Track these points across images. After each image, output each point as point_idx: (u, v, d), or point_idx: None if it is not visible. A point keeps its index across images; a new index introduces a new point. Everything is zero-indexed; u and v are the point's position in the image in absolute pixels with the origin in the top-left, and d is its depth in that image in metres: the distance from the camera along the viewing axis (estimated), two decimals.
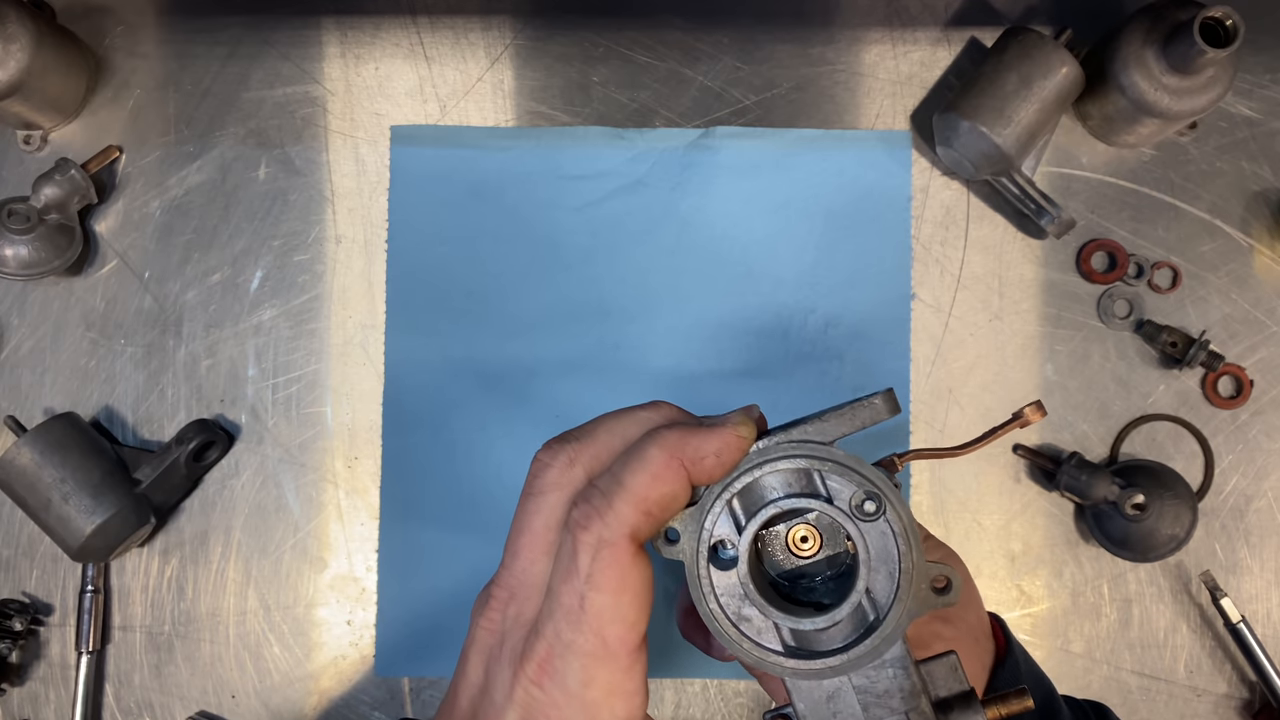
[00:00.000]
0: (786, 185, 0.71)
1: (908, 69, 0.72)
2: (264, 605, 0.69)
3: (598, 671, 0.33)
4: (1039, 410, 0.39)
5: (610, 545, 0.33)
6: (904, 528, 0.35)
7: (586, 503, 0.34)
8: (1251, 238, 0.70)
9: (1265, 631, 0.68)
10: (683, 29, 0.72)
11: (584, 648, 0.33)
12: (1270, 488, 0.69)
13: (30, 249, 0.66)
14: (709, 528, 0.35)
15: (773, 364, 0.70)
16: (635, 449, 0.34)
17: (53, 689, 0.69)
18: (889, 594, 0.35)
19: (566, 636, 0.33)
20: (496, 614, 0.35)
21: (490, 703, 0.34)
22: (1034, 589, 0.69)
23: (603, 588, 0.33)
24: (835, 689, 0.35)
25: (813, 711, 0.35)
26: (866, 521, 0.35)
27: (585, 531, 0.33)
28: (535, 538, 0.35)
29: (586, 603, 0.33)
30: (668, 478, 0.34)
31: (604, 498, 0.33)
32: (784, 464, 0.35)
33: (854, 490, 0.35)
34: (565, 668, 0.33)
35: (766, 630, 0.35)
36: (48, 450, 0.64)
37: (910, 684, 0.35)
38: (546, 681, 0.33)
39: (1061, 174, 0.71)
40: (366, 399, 0.70)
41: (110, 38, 0.72)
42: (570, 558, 0.33)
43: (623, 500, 0.33)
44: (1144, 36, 0.63)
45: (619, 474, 0.34)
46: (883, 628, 0.35)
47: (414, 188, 0.71)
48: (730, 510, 0.35)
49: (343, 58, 0.72)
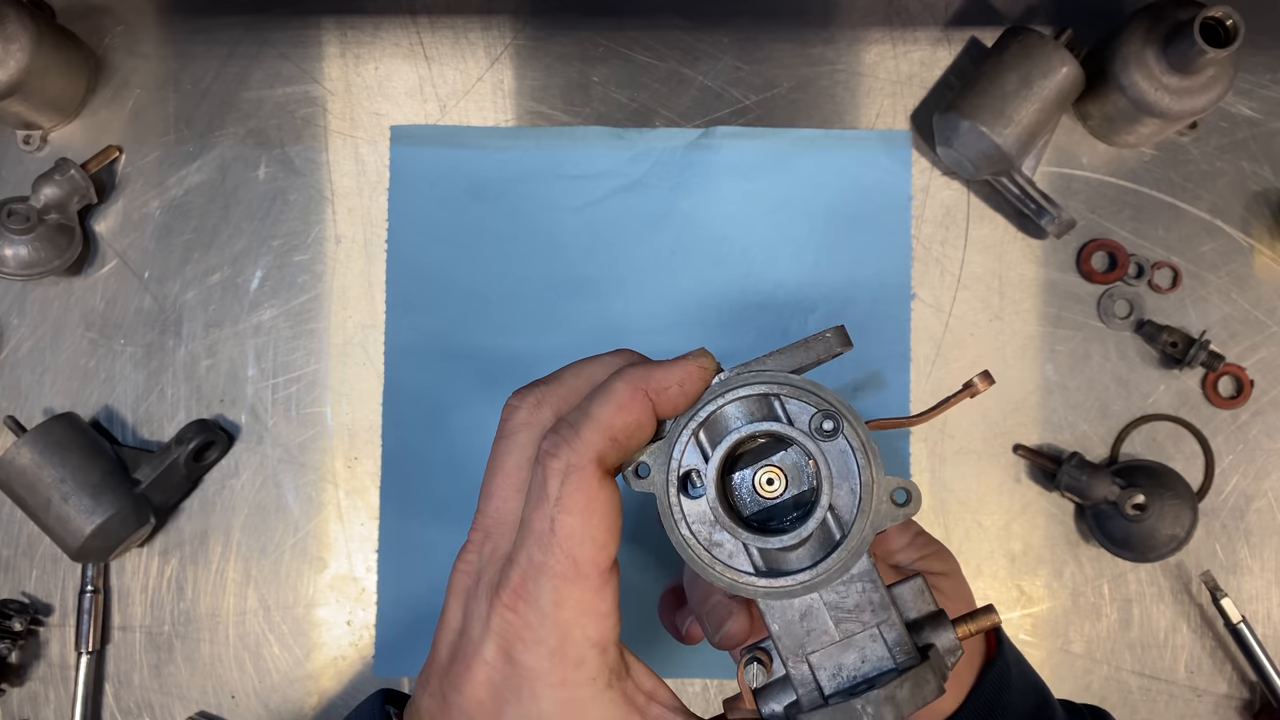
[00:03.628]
0: (786, 185, 0.71)
1: (908, 69, 0.72)
2: (264, 605, 0.69)
3: (569, 591, 0.34)
4: (986, 379, 0.40)
5: (578, 470, 0.34)
6: (862, 443, 0.36)
7: (555, 434, 0.35)
8: (1251, 238, 0.70)
9: (1265, 631, 0.68)
10: (683, 29, 0.72)
11: (555, 569, 0.33)
12: (1270, 488, 0.69)
13: (30, 249, 0.66)
14: (677, 457, 0.37)
15: None
16: (602, 385, 0.36)
17: (53, 689, 0.69)
18: (851, 509, 0.36)
19: (538, 559, 0.34)
20: (473, 555, 0.36)
21: (468, 639, 0.35)
22: (1034, 589, 0.69)
23: (571, 510, 0.34)
24: (807, 607, 0.36)
25: (787, 631, 0.36)
26: (826, 440, 0.36)
27: (554, 459, 0.34)
28: (507, 477, 0.36)
29: (556, 525, 0.34)
30: (632, 407, 0.35)
31: (571, 428, 0.35)
32: (744, 390, 0.37)
33: (812, 412, 0.36)
34: (538, 589, 0.34)
35: (738, 554, 0.36)
36: (48, 450, 0.64)
37: (880, 597, 0.36)
38: (521, 605, 0.34)
39: (1061, 174, 0.71)
40: (366, 399, 0.70)
41: (110, 38, 0.72)
42: (540, 486, 0.34)
43: (589, 428, 0.34)
44: (1144, 36, 0.63)
45: (586, 407, 0.35)
46: (848, 540, 0.36)
47: (414, 188, 0.71)
48: (697, 442, 0.37)
49: (343, 58, 0.72)
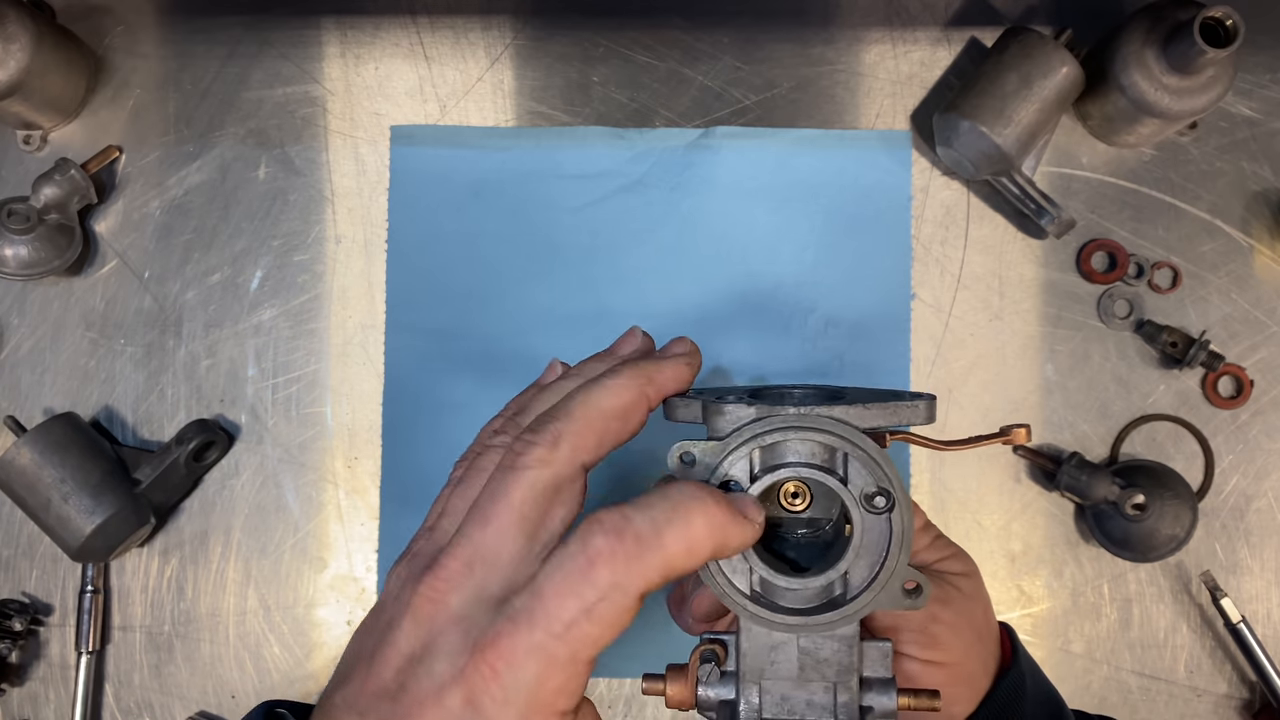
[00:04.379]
0: (786, 185, 0.71)
1: (908, 69, 0.72)
2: (264, 605, 0.69)
3: (554, 675, 0.33)
4: (1026, 434, 0.41)
5: (624, 594, 0.33)
6: (902, 530, 0.36)
7: (620, 542, 0.33)
8: (1251, 238, 0.70)
9: (1265, 631, 0.68)
10: (683, 29, 0.72)
11: (555, 657, 0.32)
12: (1270, 488, 0.69)
13: (30, 249, 0.66)
14: (726, 467, 0.37)
15: (773, 363, 0.70)
16: (674, 503, 0.34)
17: (53, 689, 0.69)
18: (864, 582, 0.36)
19: (540, 640, 0.32)
20: (444, 584, 0.34)
21: (430, 676, 0.33)
22: (1034, 589, 0.69)
23: (598, 624, 0.33)
24: (781, 641, 0.37)
25: (754, 653, 0.37)
26: (871, 513, 0.36)
27: (608, 569, 0.33)
28: (512, 509, 0.35)
29: (575, 628, 0.32)
30: (696, 549, 0.34)
31: (639, 543, 0.33)
32: (817, 437, 0.36)
33: (870, 482, 0.36)
34: (527, 663, 0.32)
35: (740, 571, 0.37)
36: (48, 450, 0.64)
37: (849, 660, 0.37)
38: (504, 669, 0.32)
39: (1061, 174, 0.71)
40: (366, 399, 0.70)
41: (110, 38, 0.72)
42: (576, 579, 0.33)
43: (655, 555, 0.33)
44: (1144, 36, 0.63)
45: (661, 526, 0.33)
46: (847, 608, 0.36)
47: (414, 188, 0.71)
48: (749, 457, 0.37)
49: (343, 58, 0.72)
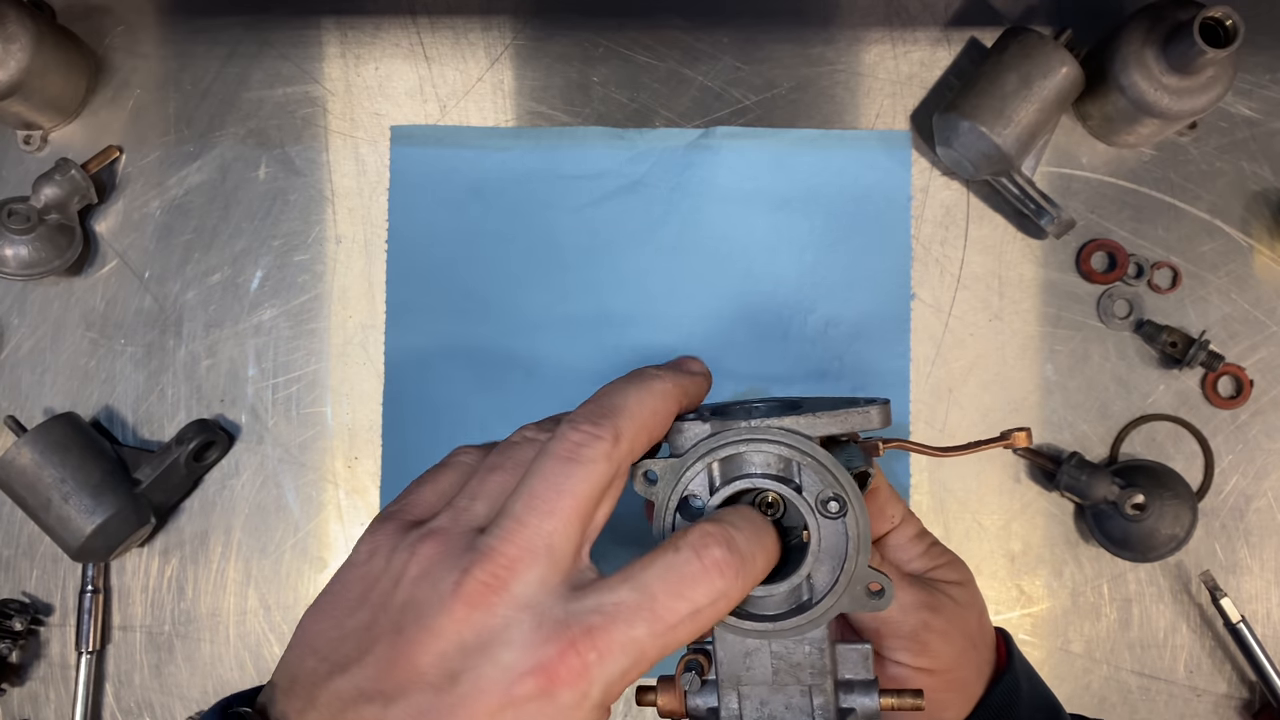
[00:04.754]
0: (786, 185, 0.71)
1: (908, 69, 0.72)
2: (264, 605, 0.69)
3: (638, 669, 0.34)
4: (1027, 437, 0.42)
5: (728, 602, 0.35)
6: (858, 534, 0.38)
7: (731, 552, 0.34)
8: (1251, 238, 0.70)
9: (1265, 631, 0.68)
10: (683, 29, 0.72)
11: (647, 654, 0.33)
12: (1270, 488, 0.69)
13: (30, 249, 0.66)
14: (686, 481, 0.39)
15: (773, 364, 0.70)
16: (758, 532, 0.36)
17: (53, 689, 0.69)
18: (827, 585, 0.38)
19: (639, 636, 0.33)
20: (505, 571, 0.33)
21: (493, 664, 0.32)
22: (1034, 589, 0.69)
23: (700, 628, 0.34)
24: (755, 648, 0.39)
25: (729, 660, 0.39)
26: (827, 518, 0.38)
27: (722, 579, 0.34)
28: (579, 504, 0.34)
29: (679, 630, 0.33)
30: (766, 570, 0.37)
31: (743, 561, 0.35)
32: (770, 447, 0.38)
33: (822, 488, 0.38)
34: (619, 659, 0.32)
35: None
36: (48, 450, 0.64)
37: (822, 663, 0.39)
38: (594, 664, 0.32)
39: (1061, 174, 0.71)
40: (366, 399, 0.70)
41: (110, 38, 0.72)
42: (696, 583, 0.34)
43: (751, 571, 0.35)
44: (1144, 36, 0.63)
45: (753, 545, 0.35)
46: (812, 611, 0.38)
47: (414, 188, 0.71)
48: (708, 470, 0.39)
49: (343, 58, 0.72)
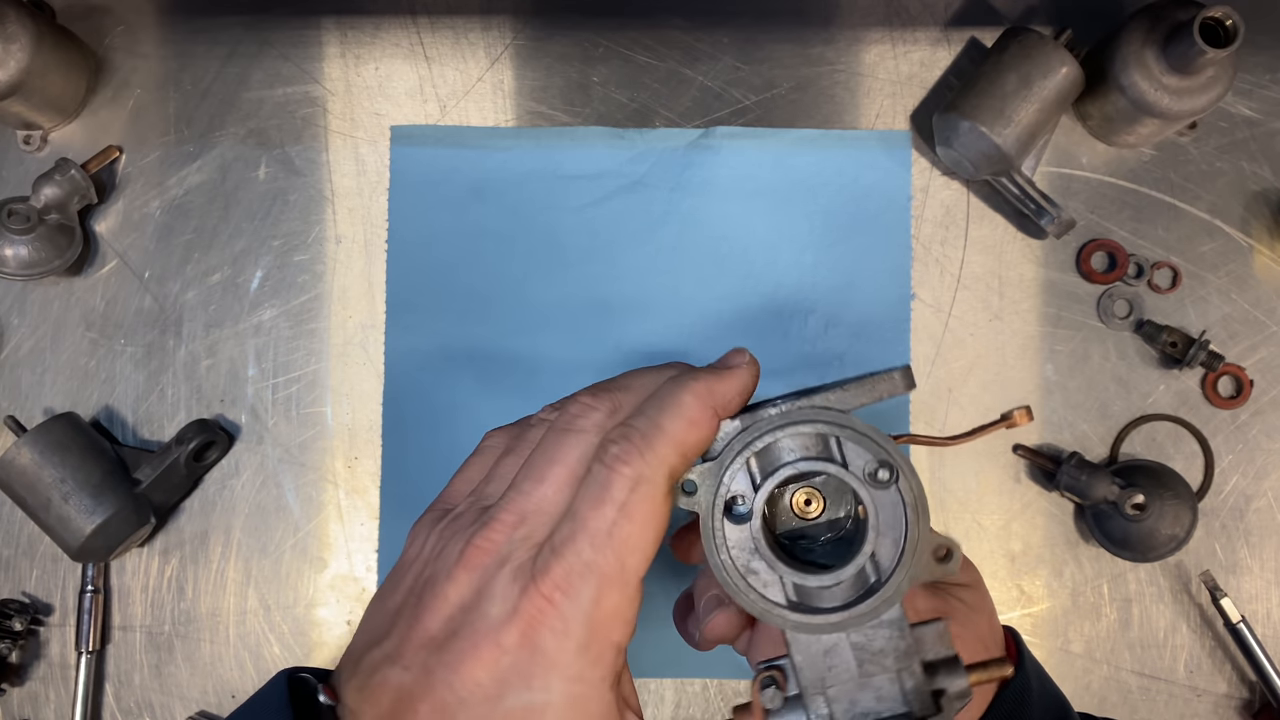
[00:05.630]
0: (786, 185, 0.71)
1: (908, 69, 0.72)
2: (264, 605, 0.69)
3: (609, 593, 0.35)
4: (1027, 415, 0.41)
5: (648, 482, 0.35)
6: (914, 498, 0.36)
7: (626, 440, 0.36)
8: (1251, 238, 0.70)
9: (1265, 631, 0.68)
10: (683, 29, 0.72)
11: (604, 569, 0.34)
12: (1270, 488, 0.69)
13: (30, 249, 0.66)
14: (727, 483, 0.37)
15: (773, 364, 0.70)
16: (669, 394, 0.37)
17: (53, 689, 0.69)
18: (893, 559, 0.36)
19: (588, 557, 0.34)
20: (500, 535, 0.36)
21: (482, 618, 0.35)
22: (1034, 589, 0.69)
23: (634, 519, 0.35)
24: (832, 644, 0.37)
25: (809, 663, 0.37)
26: (879, 489, 0.36)
27: (625, 465, 0.35)
28: (567, 471, 0.37)
29: (616, 529, 0.35)
30: (702, 423, 0.37)
31: (644, 438, 0.36)
32: (804, 428, 0.37)
33: (869, 458, 0.36)
34: (582, 586, 0.34)
35: (772, 584, 0.37)
36: (48, 450, 0.64)
37: (905, 644, 0.36)
38: (559, 596, 0.34)
39: (1061, 174, 0.71)
40: (366, 399, 0.70)
41: (110, 38, 0.72)
42: (603, 487, 0.35)
43: (663, 443, 0.36)
44: (1144, 36, 0.63)
45: (656, 418, 0.36)
46: (884, 590, 0.36)
47: (414, 188, 0.71)
48: (747, 467, 0.37)
49: (343, 58, 0.72)
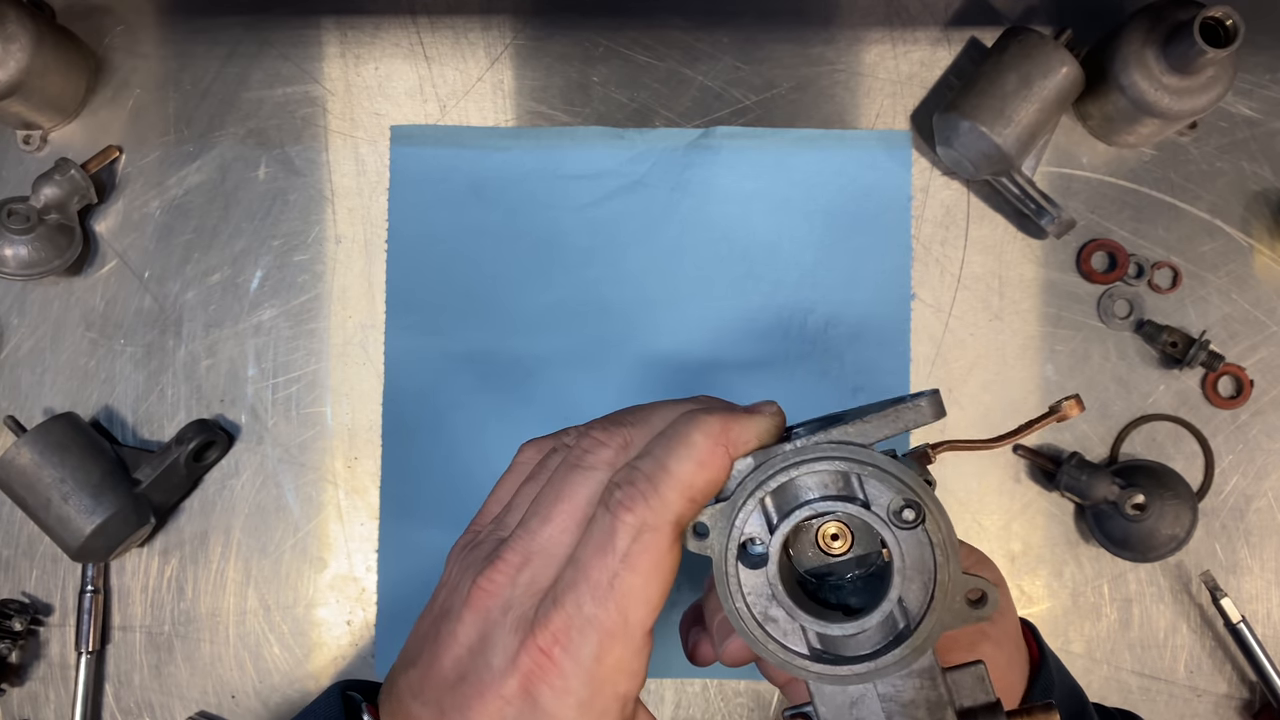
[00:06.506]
0: (786, 185, 0.71)
1: (908, 69, 0.72)
2: (264, 605, 0.69)
3: (612, 648, 0.33)
4: (1078, 404, 0.38)
5: (653, 531, 0.33)
6: (943, 539, 0.33)
7: (631, 485, 0.33)
8: (1251, 238, 0.70)
9: (1265, 631, 0.68)
10: (683, 29, 0.72)
11: (605, 624, 0.33)
12: (1270, 488, 0.69)
13: (30, 249, 0.66)
14: (740, 525, 0.34)
15: (773, 364, 0.70)
16: (679, 433, 0.34)
17: (53, 689, 0.69)
18: (922, 604, 0.33)
19: (589, 610, 0.33)
20: (503, 577, 0.35)
21: (486, 667, 0.34)
22: (1034, 589, 0.69)
23: (637, 569, 0.33)
24: (859, 695, 0.34)
25: (835, 716, 0.34)
26: (904, 530, 0.33)
27: (628, 513, 0.33)
28: (575, 509, 0.35)
29: (618, 581, 0.32)
30: (712, 464, 0.34)
31: (649, 482, 0.33)
32: (822, 465, 0.34)
33: (893, 496, 0.33)
34: (581, 641, 0.33)
35: (793, 632, 0.34)
36: (47, 450, 0.64)
37: (937, 695, 0.34)
38: (558, 651, 0.33)
39: (1061, 174, 0.71)
40: (366, 399, 0.70)
41: (110, 38, 0.72)
42: (607, 535, 0.33)
43: (669, 487, 0.33)
44: (1144, 36, 0.63)
45: (663, 459, 0.34)
46: (913, 638, 0.33)
47: (414, 188, 0.71)
48: (762, 507, 0.34)
49: (343, 58, 0.72)
